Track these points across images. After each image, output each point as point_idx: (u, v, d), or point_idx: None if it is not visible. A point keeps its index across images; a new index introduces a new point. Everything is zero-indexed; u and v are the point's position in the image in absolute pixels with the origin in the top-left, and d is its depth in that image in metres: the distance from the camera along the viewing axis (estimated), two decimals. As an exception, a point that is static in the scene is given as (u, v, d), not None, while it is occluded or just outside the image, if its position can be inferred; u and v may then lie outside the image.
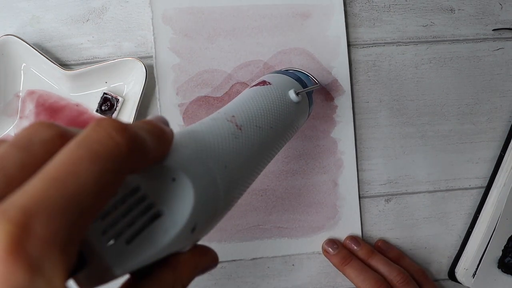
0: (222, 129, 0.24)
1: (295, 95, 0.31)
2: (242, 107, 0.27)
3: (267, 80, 0.31)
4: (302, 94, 0.32)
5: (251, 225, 0.42)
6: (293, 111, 0.31)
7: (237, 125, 0.25)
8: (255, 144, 0.26)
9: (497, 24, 0.44)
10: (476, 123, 0.44)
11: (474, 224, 0.43)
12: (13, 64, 0.38)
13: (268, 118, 0.28)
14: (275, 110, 0.29)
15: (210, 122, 0.24)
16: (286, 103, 0.30)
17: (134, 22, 0.41)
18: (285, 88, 0.31)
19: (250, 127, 0.26)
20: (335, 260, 0.41)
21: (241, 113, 0.26)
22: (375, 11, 0.43)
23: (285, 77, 0.33)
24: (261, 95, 0.29)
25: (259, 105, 0.28)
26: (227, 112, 0.26)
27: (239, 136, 0.24)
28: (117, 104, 0.39)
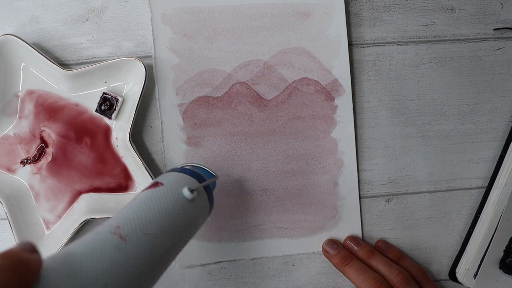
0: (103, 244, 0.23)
1: (189, 192, 0.29)
2: (129, 215, 0.26)
3: (159, 181, 0.30)
4: (198, 190, 0.31)
5: (251, 225, 0.42)
6: (189, 210, 0.29)
7: (121, 236, 0.24)
8: (144, 253, 0.24)
9: (498, 24, 0.44)
10: (477, 123, 0.44)
11: (475, 224, 0.43)
12: (12, 63, 0.38)
13: (159, 222, 0.26)
14: (167, 212, 0.27)
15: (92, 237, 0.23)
16: (181, 202, 0.29)
17: (134, 21, 0.41)
18: (178, 187, 0.29)
19: (137, 235, 0.24)
20: (335, 260, 0.41)
21: (127, 222, 0.25)
22: (375, 11, 0.43)
23: (178, 174, 0.31)
24: (151, 199, 0.28)
25: (148, 210, 0.27)
26: (112, 224, 0.25)
27: (123, 248, 0.23)
28: (116, 104, 0.38)
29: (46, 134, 0.39)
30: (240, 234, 0.42)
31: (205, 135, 0.41)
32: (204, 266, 0.42)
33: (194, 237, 0.41)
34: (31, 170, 0.40)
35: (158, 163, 0.41)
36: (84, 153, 0.39)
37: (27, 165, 0.40)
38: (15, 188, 0.39)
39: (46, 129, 0.39)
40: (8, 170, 0.40)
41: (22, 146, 0.39)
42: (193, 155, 0.41)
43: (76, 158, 0.39)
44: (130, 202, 0.28)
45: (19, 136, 0.39)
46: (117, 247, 0.23)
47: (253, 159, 0.42)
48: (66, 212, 0.40)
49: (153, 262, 0.25)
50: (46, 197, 0.39)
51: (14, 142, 0.39)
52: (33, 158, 0.40)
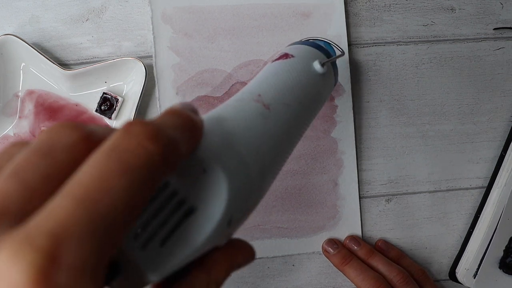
0: (249, 111, 0.22)
1: (321, 66, 0.29)
2: (267, 85, 0.25)
3: (289, 53, 0.29)
4: (327, 64, 0.30)
5: (251, 225, 0.42)
6: (320, 83, 0.29)
7: (265, 104, 0.23)
8: (285, 123, 0.24)
9: (498, 24, 0.44)
10: (477, 123, 0.44)
11: (475, 224, 0.43)
12: (12, 63, 0.38)
13: (295, 94, 0.26)
14: (302, 84, 0.27)
15: (236, 104, 0.23)
16: (312, 75, 0.28)
17: (134, 21, 0.41)
18: (309, 60, 0.29)
19: (278, 105, 0.24)
20: (335, 260, 0.41)
21: (268, 91, 0.24)
22: (375, 11, 0.43)
23: (307, 47, 0.31)
24: (285, 70, 0.27)
25: (285, 80, 0.26)
26: (253, 92, 0.24)
27: (268, 117, 0.23)
28: (116, 104, 0.38)
29: (46, 134, 0.39)
30: (240, 234, 0.42)
31: (205, 135, 0.41)
32: (204, 266, 0.42)
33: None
34: (31, 170, 0.39)
35: (158, 163, 0.41)
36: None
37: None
38: (15, 188, 0.39)
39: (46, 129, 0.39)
40: (8, 170, 0.39)
41: (22, 146, 0.39)
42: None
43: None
44: (263, 72, 0.28)
45: (19, 136, 0.39)
46: (262, 115, 0.23)
47: (253, 159, 0.42)
48: (66, 212, 0.39)
49: (292, 131, 0.25)
50: (46, 197, 0.39)
51: (14, 142, 0.39)
52: (33, 158, 0.40)
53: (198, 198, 0.17)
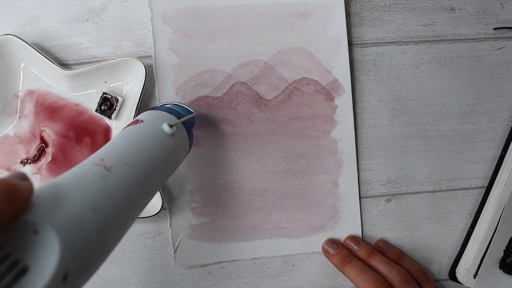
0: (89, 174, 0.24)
1: (169, 127, 0.30)
2: (112, 149, 0.27)
3: (139, 119, 0.31)
4: (177, 126, 0.32)
5: (251, 225, 0.42)
6: (168, 144, 0.30)
7: (106, 166, 0.25)
8: (127, 182, 0.25)
9: (498, 24, 0.44)
10: (477, 122, 0.44)
11: (475, 224, 0.43)
12: (12, 63, 0.38)
13: (140, 155, 0.27)
14: (148, 145, 0.28)
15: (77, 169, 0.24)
16: (160, 137, 0.30)
17: (134, 21, 0.41)
18: (158, 123, 0.31)
19: (120, 166, 0.25)
20: (335, 260, 0.41)
21: (111, 155, 0.26)
22: (375, 11, 0.43)
23: (159, 112, 0.33)
24: (132, 134, 0.29)
25: (130, 143, 0.28)
26: (96, 157, 0.26)
27: (108, 178, 0.24)
28: (116, 103, 0.38)
29: (46, 134, 0.39)
30: (240, 234, 0.42)
31: (205, 135, 0.41)
32: (204, 266, 0.42)
33: (195, 238, 0.41)
34: (31, 170, 0.40)
35: (158, 163, 0.41)
36: (84, 153, 0.39)
37: (27, 165, 0.40)
38: (15, 188, 0.39)
39: (46, 129, 0.39)
40: (8, 170, 0.40)
41: (22, 146, 0.39)
42: (193, 155, 0.41)
43: (76, 158, 0.39)
44: (112, 139, 0.29)
45: (19, 136, 0.39)
46: (102, 177, 0.24)
47: (253, 159, 0.42)
48: (66, 212, 0.39)
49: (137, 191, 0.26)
50: (46, 197, 0.39)
51: (14, 142, 0.39)
52: (33, 158, 0.40)
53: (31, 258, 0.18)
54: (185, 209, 0.41)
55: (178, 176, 0.41)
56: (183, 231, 0.41)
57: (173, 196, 0.41)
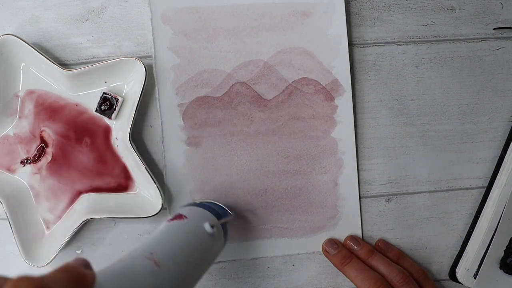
0: (141, 267, 0.25)
1: (210, 228, 0.32)
2: (160, 243, 0.28)
3: (183, 214, 0.33)
4: (217, 226, 0.33)
5: (251, 225, 0.42)
6: (209, 243, 0.32)
7: (156, 262, 0.26)
8: (174, 280, 0.26)
9: (498, 24, 0.44)
10: (477, 122, 0.44)
11: (475, 224, 0.43)
12: (12, 63, 0.38)
13: (185, 253, 0.29)
14: (192, 244, 0.30)
15: (130, 260, 0.25)
16: (202, 236, 0.31)
17: (134, 21, 0.41)
18: (200, 221, 0.32)
19: (168, 263, 0.26)
20: (335, 260, 0.41)
21: (160, 250, 0.27)
22: (375, 11, 0.43)
23: (200, 210, 0.35)
24: (178, 230, 0.31)
25: (176, 240, 0.29)
26: (146, 249, 0.27)
27: (158, 274, 0.25)
28: (116, 103, 0.38)
29: (46, 134, 0.39)
30: (240, 234, 0.42)
31: (205, 135, 0.41)
32: (204, 266, 0.42)
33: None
34: (31, 170, 0.40)
35: (158, 163, 0.41)
36: (84, 153, 0.39)
37: (27, 165, 0.40)
38: (15, 188, 0.39)
39: (46, 129, 0.39)
40: (8, 170, 0.40)
41: (22, 146, 0.39)
42: (193, 155, 0.41)
43: (76, 158, 0.39)
44: (158, 231, 0.30)
45: (19, 136, 0.39)
46: (153, 272, 0.25)
47: (253, 159, 0.42)
48: (66, 212, 0.40)
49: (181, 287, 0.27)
50: (46, 197, 0.39)
51: (14, 142, 0.39)
52: (33, 158, 0.40)
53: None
54: (185, 209, 0.41)
55: (178, 176, 0.41)
56: (183, 231, 0.41)
57: (173, 196, 0.41)
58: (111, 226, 0.41)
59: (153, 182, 0.38)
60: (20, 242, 0.38)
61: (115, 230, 0.41)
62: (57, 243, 0.38)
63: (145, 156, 0.41)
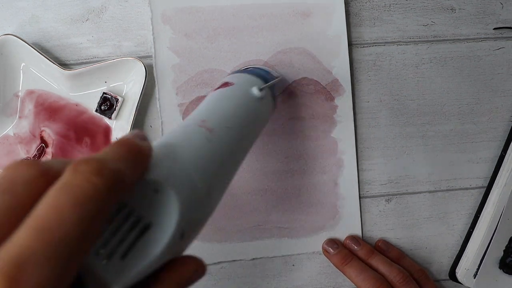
0: (194, 135, 0.25)
1: (258, 91, 0.31)
2: (210, 111, 0.28)
3: (229, 81, 0.32)
4: (265, 89, 0.33)
5: (251, 225, 0.42)
6: (258, 107, 0.32)
7: (208, 128, 0.26)
8: (228, 144, 0.26)
9: (498, 24, 0.44)
10: (477, 122, 0.44)
11: (475, 224, 0.43)
12: (12, 63, 0.38)
13: (236, 118, 0.29)
14: (241, 108, 0.30)
15: (182, 130, 0.25)
16: (251, 100, 0.31)
17: (134, 21, 0.41)
18: (247, 86, 0.32)
19: (220, 128, 0.26)
20: (335, 260, 0.41)
21: (210, 116, 0.27)
22: (375, 11, 0.43)
23: (246, 75, 0.34)
24: (226, 96, 0.30)
25: (226, 106, 0.29)
26: (197, 118, 0.27)
27: (211, 139, 0.25)
28: (116, 103, 0.38)
29: (46, 134, 0.39)
30: (240, 234, 0.42)
31: (205, 135, 0.41)
32: (204, 266, 0.42)
33: (194, 237, 0.41)
34: (31, 170, 0.39)
35: (158, 163, 0.41)
36: (84, 153, 0.39)
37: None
38: (15, 188, 0.39)
39: (46, 129, 0.39)
40: (8, 170, 0.39)
41: (22, 146, 0.39)
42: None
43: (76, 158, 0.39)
44: (206, 100, 0.30)
45: (19, 136, 0.39)
46: (207, 138, 0.25)
47: (253, 159, 0.42)
48: (66, 212, 0.39)
49: (234, 152, 0.27)
50: (46, 197, 0.39)
51: (14, 142, 0.39)
52: (33, 158, 0.40)
53: (153, 216, 0.19)
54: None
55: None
56: (183, 231, 0.41)
57: (173, 196, 0.41)
58: (111, 226, 0.41)
59: (153, 182, 0.38)
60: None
61: (115, 230, 0.41)
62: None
63: (145, 156, 0.41)
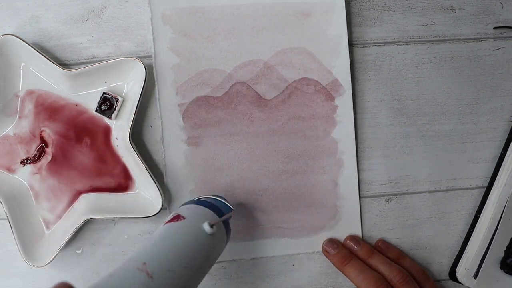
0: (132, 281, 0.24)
1: (210, 227, 0.30)
2: (154, 251, 0.27)
3: (181, 214, 0.31)
4: (218, 225, 0.32)
5: (251, 225, 0.42)
6: (209, 244, 0.30)
7: (148, 273, 0.25)
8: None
9: (498, 24, 0.44)
10: (477, 122, 0.44)
11: (475, 224, 0.43)
12: (12, 63, 0.38)
13: (181, 259, 0.27)
14: (189, 247, 0.29)
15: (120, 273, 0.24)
16: (201, 236, 0.30)
17: (134, 21, 0.41)
18: (199, 221, 0.31)
19: (162, 273, 0.25)
20: (335, 260, 0.41)
21: (153, 259, 0.26)
22: (375, 10, 0.43)
23: (199, 207, 0.33)
24: (174, 233, 0.29)
25: (172, 245, 0.28)
26: (139, 259, 0.26)
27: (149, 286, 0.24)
28: (116, 103, 0.38)
29: (46, 134, 0.39)
30: (240, 234, 0.42)
31: (205, 135, 0.41)
32: (204, 266, 0.42)
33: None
34: (31, 170, 0.40)
35: (158, 163, 0.41)
36: (84, 153, 0.39)
37: (27, 165, 0.40)
38: (15, 188, 0.39)
39: (46, 129, 0.39)
40: (8, 170, 0.40)
41: (22, 146, 0.39)
42: (193, 155, 0.41)
43: (76, 158, 0.39)
44: (153, 236, 0.29)
45: (19, 136, 0.39)
46: (144, 284, 0.24)
47: (253, 159, 0.42)
48: (66, 212, 0.40)
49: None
50: (46, 197, 0.39)
51: (14, 142, 0.39)
52: (33, 158, 0.40)
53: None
54: (185, 209, 0.41)
55: (178, 176, 0.41)
56: (183, 231, 0.41)
57: (173, 196, 0.41)
58: (111, 226, 0.41)
59: (153, 182, 0.38)
60: (20, 242, 0.38)
61: (115, 230, 0.41)
62: (57, 243, 0.38)
63: (145, 156, 0.41)
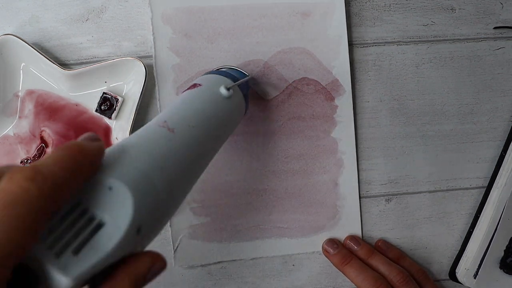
0: (154, 135, 0.25)
1: (226, 90, 0.31)
2: (173, 112, 0.28)
3: (197, 83, 0.32)
4: (234, 89, 0.32)
5: (251, 225, 0.42)
6: (226, 106, 0.32)
7: (169, 128, 0.26)
8: (190, 142, 0.26)
9: (498, 24, 0.44)
10: (477, 122, 0.44)
11: (475, 224, 0.43)
12: (12, 63, 0.38)
13: (200, 117, 0.28)
14: (207, 108, 0.30)
15: (142, 131, 0.25)
16: (218, 99, 0.31)
17: (134, 21, 0.41)
18: (215, 86, 0.32)
19: (182, 127, 0.27)
20: (335, 260, 0.41)
21: (173, 117, 0.27)
22: (375, 11, 0.43)
23: (215, 76, 0.34)
24: (192, 97, 0.30)
25: (191, 106, 0.29)
26: (159, 119, 0.27)
27: (172, 138, 0.25)
28: (116, 103, 0.38)
29: (46, 134, 0.39)
30: (240, 234, 0.42)
31: (205, 135, 0.41)
32: (204, 266, 0.42)
33: (195, 238, 0.41)
34: (31, 170, 0.39)
35: (158, 163, 0.41)
36: (84, 153, 0.39)
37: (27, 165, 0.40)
38: (15, 188, 0.39)
39: (46, 129, 0.39)
40: (8, 170, 0.39)
41: (22, 146, 0.39)
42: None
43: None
44: (172, 102, 0.30)
45: (19, 136, 0.39)
46: (166, 137, 0.25)
47: (253, 159, 0.42)
48: (66, 212, 0.40)
49: (199, 151, 0.27)
50: (46, 197, 0.39)
51: (14, 142, 0.39)
52: (33, 158, 0.40)
53: (106, 212, 0.19)
54: (185, 209, 0.41)
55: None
56: (183, 231, 0.41)
57: (173, 196, 0.41)
58: (111, 226, 0.41)
59: (153, 182, 0.38)
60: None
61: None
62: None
63: (145, 156, 0.41)
